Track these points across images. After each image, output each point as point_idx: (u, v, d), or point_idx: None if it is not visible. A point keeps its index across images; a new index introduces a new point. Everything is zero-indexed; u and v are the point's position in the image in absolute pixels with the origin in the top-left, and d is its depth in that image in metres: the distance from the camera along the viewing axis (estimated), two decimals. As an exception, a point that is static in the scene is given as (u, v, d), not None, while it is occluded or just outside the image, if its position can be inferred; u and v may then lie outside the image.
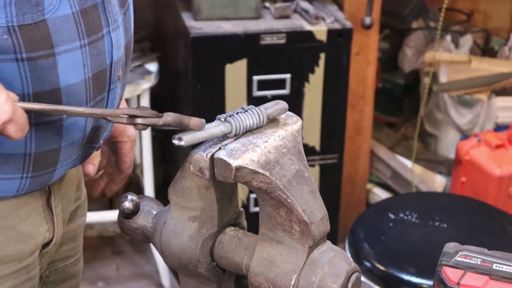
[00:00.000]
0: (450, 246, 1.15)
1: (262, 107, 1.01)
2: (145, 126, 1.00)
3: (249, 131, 1.00)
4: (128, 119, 1.00)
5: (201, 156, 0.96)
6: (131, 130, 1.38)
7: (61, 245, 1.33)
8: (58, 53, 1.08)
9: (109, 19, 1.17)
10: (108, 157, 1.39)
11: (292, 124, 1.03)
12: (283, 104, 1.04)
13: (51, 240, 1.26)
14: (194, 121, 0.98)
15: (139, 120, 1.00)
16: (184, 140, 0.97)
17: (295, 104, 2.69)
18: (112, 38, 1.17)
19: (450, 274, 1.10)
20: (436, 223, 2.19)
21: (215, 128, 0.98)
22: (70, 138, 1.15)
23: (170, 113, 0.99)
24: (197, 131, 0.98)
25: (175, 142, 0.98)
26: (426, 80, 3.26)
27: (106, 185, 1.41)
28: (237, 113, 1.00)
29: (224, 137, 0.99)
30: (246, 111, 1.00)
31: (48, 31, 1.06)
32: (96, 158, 1.32)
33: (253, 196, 2.78)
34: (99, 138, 1.23)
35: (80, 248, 1.44)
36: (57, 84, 1.09)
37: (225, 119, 0.99)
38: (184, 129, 0.98)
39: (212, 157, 0.96)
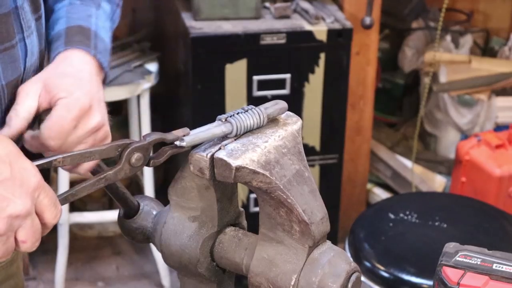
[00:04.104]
0: (450, 246, 1.15)
1: (262, 107, 1.01)
2: (140, 157, 1.00)
3: (249, 131, 1.00)
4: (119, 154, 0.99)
5: (201, 156, 0.96)
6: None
7: None
8: None
9: (22, 26, 1.13)
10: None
11: (292, 124, 1.02)
12: (282, 104, 1.04)
13: None
14: (176, 131, 0.99)
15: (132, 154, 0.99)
16: (185, 140, 0.97)
17: (295, 104, 2.69)
18: (26, 45, 1.14)
19: (450, 274, 1.10)
20: (436, 223, 2.19)
21: (216, 128, 0.98)
22: None
23: (151, 133, 1.00)
24: (198, 131, 0.98)
25: (177, 143, 0.98)
26: (426, 80, 3.27)
27: None
28: (237, 113, 1.00)
29: (224, 137, 0.99)
30: (247, 111, 1.00)
31: None
32: None
33: (253, 196, 2.78)
34: None
35: None
36: None
37: (225, 120, 0.99)
38: (171, 142, 0.99)
39: (212, 157, 0.95)
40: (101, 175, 0.99)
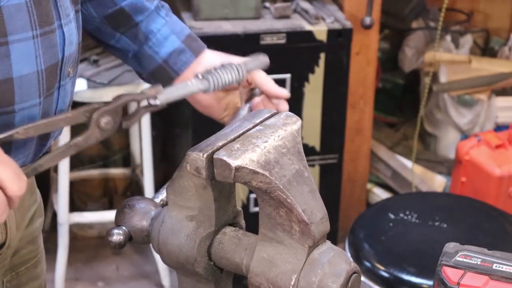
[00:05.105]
0: (450, 246, 1.15)
1: (242, 62, 1.01)
2: (110, 120, 0.95)
3: (227, 86, 0.99)
4: (89, 118, 0.95)
5: (198, 156, 0.96)
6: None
7: (20, 249, 1.30)
8: (12, 42, 1.07)
9: (60, 13, 1.15)
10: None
11: (291, 124, 1.02)
12: (264, 58, 1.03)
13: (3, 243, 1.22)
14: (148, 89, 0.95)
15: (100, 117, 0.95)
16: (159, 99, 0.95)
17: (295, 104, 2.69)
18: (64, 33, 1.16)
19: (450, 274, 1.10)
20: (436, 223, 2.19)
21: (192, 86, 0.97)
22: None
23: (120, 94, 0.97)
24: (173, 89, 0.96)
25: (151, 102, 0.95)
26: (426, 80, 3.26)
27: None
28: (215, 69, 0.99)
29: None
30: (225, 67, 0.99)
31: (3, 19, 1.05)
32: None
33: (253, 196, 2.77)
34: (49, 135, 1.21)
35: (39, 249, 1.40)
36: (10, 74, 1.08)
37: (202, 76, 0.98)
38: (142, 100, 0.95)
39: (208, 156, 0.95)
40: (70, 142, 0.95)
